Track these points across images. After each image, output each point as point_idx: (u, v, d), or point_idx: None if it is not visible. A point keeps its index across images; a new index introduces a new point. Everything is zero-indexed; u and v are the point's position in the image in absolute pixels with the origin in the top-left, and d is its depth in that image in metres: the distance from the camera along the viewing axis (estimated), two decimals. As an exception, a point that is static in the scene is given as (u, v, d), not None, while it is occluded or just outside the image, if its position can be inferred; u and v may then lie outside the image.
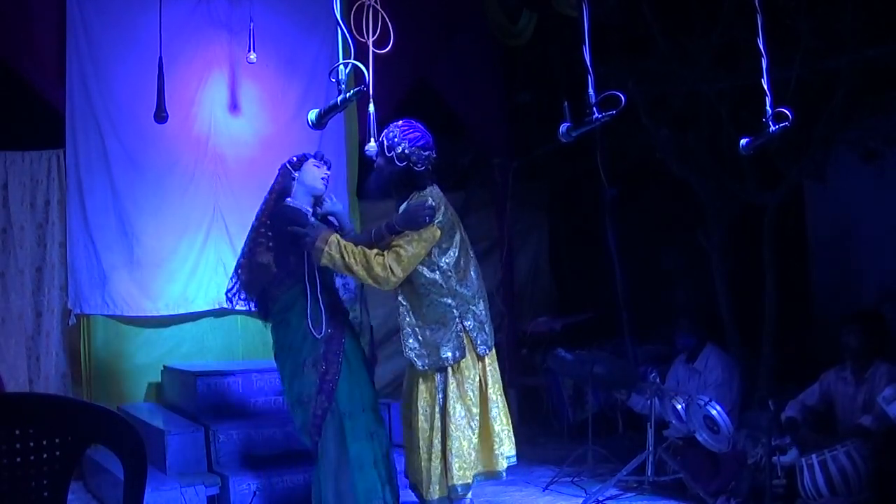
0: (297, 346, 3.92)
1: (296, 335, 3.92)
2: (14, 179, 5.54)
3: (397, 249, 3.75)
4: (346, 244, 3.78)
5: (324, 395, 3.84)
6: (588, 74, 3.02)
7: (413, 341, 3.86)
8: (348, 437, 3.83)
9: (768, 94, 3.56)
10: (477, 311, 3.96)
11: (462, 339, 3.86)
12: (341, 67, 2.80)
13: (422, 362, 3.85)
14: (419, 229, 3.78)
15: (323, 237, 3.76)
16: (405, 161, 3.85)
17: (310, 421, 3.87)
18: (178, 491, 4.40)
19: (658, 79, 5.87)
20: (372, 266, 3.73)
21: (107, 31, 5.65)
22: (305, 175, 4.03)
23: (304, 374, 3.88)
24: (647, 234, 7.11)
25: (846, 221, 6.50)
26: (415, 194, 3.91)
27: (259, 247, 4.01)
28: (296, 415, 3.96)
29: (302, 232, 3.81)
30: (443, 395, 3.85)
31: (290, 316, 3.94)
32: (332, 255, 3.73)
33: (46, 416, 1.94)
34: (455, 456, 3.83)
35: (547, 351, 6.37)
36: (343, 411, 3.86)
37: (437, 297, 3.86)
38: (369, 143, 3.66)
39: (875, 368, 4.65)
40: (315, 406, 3.84)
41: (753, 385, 5.66)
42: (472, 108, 6.96)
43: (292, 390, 3.94)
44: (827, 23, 5.14)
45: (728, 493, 4.62)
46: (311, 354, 3.87)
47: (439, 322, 3.85)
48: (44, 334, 5.55)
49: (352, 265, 3.74)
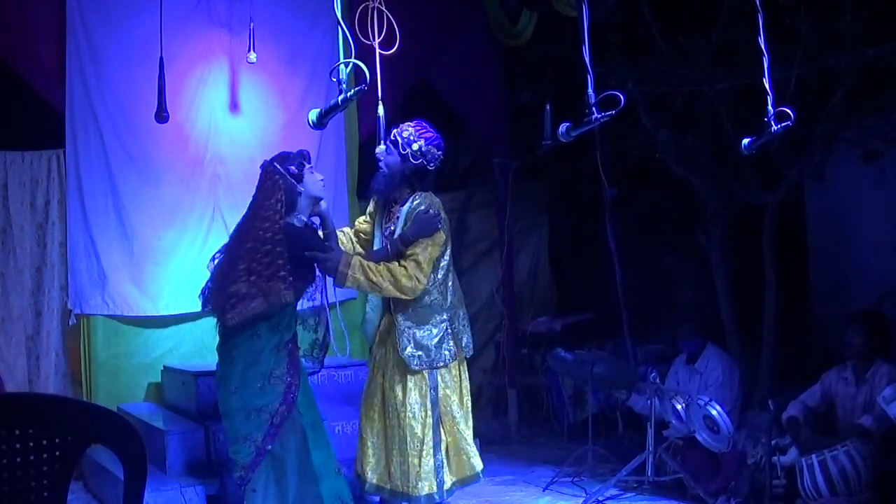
0: (263, 359, 3.70)
1: (263, 348, 3.70)
2: (14, 179, 5.53)
3: (414, 258, 3.84)
4: (368, 263, 3.82)
5: (285, 406, 3.69)
6: (588, 74, 3.02)
7: (407, 341, 3.92)
8: (311, 446, 3.74)
9: (770, 94, 3.56)
10: (462, 314, 4.11)
11: (451, 340, 3.99)
12: (342, 67, 2.80)
13: (418, 362, 3.91)
14: (432, 234, 3.88)
15: (344, 261, 3.76)
16: (420, 159, 3.93)
17: (264, 431, 3.65)
18: (178, 491, 4.40)
19: (658, 79, 5.87)
20: (398, 279, 3.80)
21: (107, 30, 5.64)
22: (310, 185, 3.83)
23: (269, 387, 3.69)
24: (646, 234, 7.11)
25: (846, 221, 6.50)
26: (417, 196, 3.96)
27: (279, 280, 3.63)
28: (244, 425, 3.68)
29: (322, 257, 3.75)
30: (435, 393, 3.95)
31: (260, 327, 3.68)
32: (357, 277, 3.76)
33: (46, 416, 1.94)
34: (454, 453, 3.97)
35: (547, 351, 6.37)
36: (305, 422, 3.76)
37: (430, 298, 3.95)
38: (379, 146, 3.66)
39: (876, 368, 4.65)
40: (273, 416, 3.66)
41: (753, 385, 5.66)
42: (473, 107, 6.95)
43: (249, 400, 3.68)
44: (827, 22, 5.14)
45: (728, 493, 4.62)
46: (277, 367, 3.71)
47: (432, 323, 3.95)
48: (43, 334, 5.55)
49: (379, 282, 3.79)
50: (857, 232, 6.42)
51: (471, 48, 6.86)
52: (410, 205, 3.95)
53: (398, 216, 4.00)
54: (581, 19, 3.11)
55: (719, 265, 6.16)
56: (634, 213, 6.93)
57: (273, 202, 3.71)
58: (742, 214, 6.16)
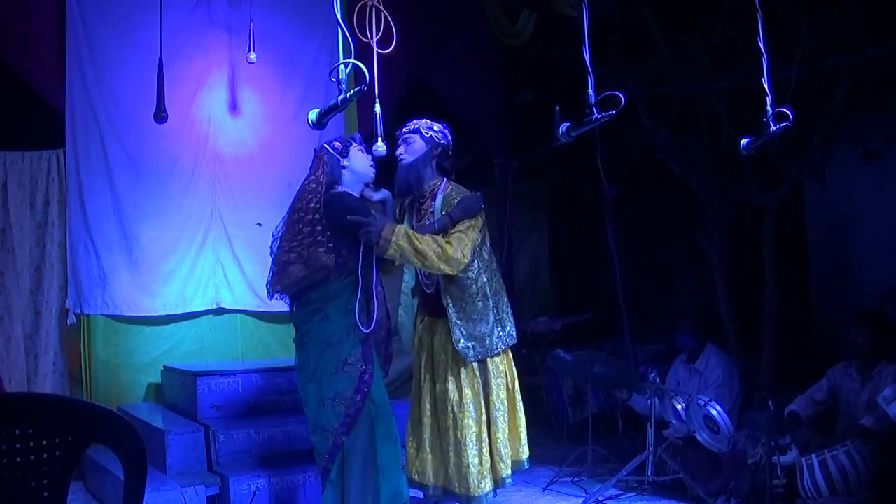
0: (336, 342, 3.64)
1: (336, 330, 3.64)
2: (13, 179, 5.53)
3: (460, 235, 3.85)
4: (414, 232, 3.77)
5: (360, 395, 3.63)
6: (588, 74, 3.02)
7: (460, 334, 3.92)
8: (378, 438, 3.70)
9: (769, 94, 3.56)
10: (505, 301, 4.12)
11: (500, 327, 4.01)
12: (342, 67, 2.80)
13: (473, 353, 3.93)
14: (475, 216, 3.94)
15: (389, 228, 3.67)
16: (444, 139, 4.06)
17: (340, 422, 3.62)
18: (178, 491, 4.39)
19: (658, 79, 5.87)
20: (445, 249, 3.77)
21: (107, 31, 5.64)
22: (355, 162, 3.80)
23: (343, 373, 3.63)
24: (646, 234, 7.11)
25: (846, 221, 6.51)
26: (450, 185, 4.05)
27: (318, 245, 3.60)
28: (320, 415, 3.65)
29: (364, 222, 3.65)
30: (485, 388, 3.97)
31: (329, 309, 3.65)
32: (401, 244, 3.66)
33: (46, 416, 1.94)
34: (502, 445, 3.98)
35: (547, 351, 6.38)
36: (374, 413, 3.70)
37: (476, 287, 3.95)
38: (377, 143, 3.66)
39: (882, 368, 4.66)
40: (349, 406, 3.61)
41: (753, 385, 5.66)
42: (472, 108, 6.95)
43: (324, 389, 3.63)
44: (827, 23, 5.14)
45: (728, 493, 4.62)
46: (351, 353, 3.65)
47: (482, 312, 3.95)
48: (42, 333, 5.54)
49: (425, 251, 3.71)
50: (857, 232, 6.42)
51: (470, 48, 6.86)
52: (444, 194, 4.00)
53: (432, 210, 4.02)
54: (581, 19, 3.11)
55: (719, 265, 6.16)
56: (634, 213, 6.93)
57: (318, 175, 3.75)
58: (742, 214, 6.16)
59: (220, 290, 5.92)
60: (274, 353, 6.04)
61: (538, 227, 7.91)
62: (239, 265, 5.94)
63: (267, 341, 6.11)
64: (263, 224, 5.87)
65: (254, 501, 4.47)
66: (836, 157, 5.93)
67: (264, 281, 3.84)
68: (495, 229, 7.28)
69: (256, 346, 6.07)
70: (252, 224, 5.89)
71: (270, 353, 6.05)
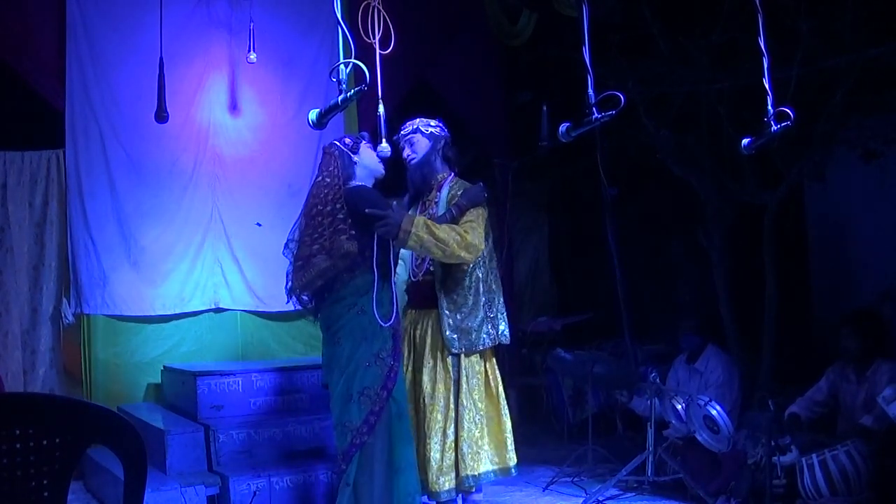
0: (370, 335, 3.63)
1: (371, 323, 3.62)
2: (13, 179, 5.54)
3: (471, 223, 3.92)
4: (432, 222, 3.82)
5: (385, 391, 3.61)
6: (588, 74, 3.02)
7: (448, 324, 3.96)
8: (395, 438, 3.69)
9: (769, 94, 3.55)
10: (499, 300, 4.17)
11: (489, 325, 4.05)
12: (342, 66, 2.79)
13: (458, 345, 3.97)
14: (480, 205, 4.02)
15: (408, 219, 3.70)
16: (445, 132, 4.22)
17: (363, 419, 3.59)
18: (178, 491, 4.39)
19: (658, 79, 5.87)
20: (464, 235, 3.84)
21: (107, 31, 5.64)
22: (365, 158, 3.83)
23: (375, 367, 3.63)
24: (647, 234, 7.11)
25: (846, 221, 6.50)
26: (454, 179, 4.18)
27: (341, 234, 3.60)
28: (344, 410, 3.63)
29: (383, 214, 3.66)
30: (455, 383, 3.98)
31: (363, 302, 3.63)
32: (420, 235, 3.69)
33: (46, 416, 1.94)
34: (465, 444, 3.97)
35: (547, 351, 6.38)
36: (394, 412, 3.69)
37: (470, 280, 4.02)
38: (381, 143, 3.67)
39: (876, 367, 4.65)
40: (374, 402, 3.59)
41: (753, 385, 5.65)
42: (472, 108, 6.95)
43: (355, 382, 3.61)
44: (827, 22, 5.13)
45: (728, 493, 4.62)
46: (384, 346, 3.65)
47: (473, 306, 4.01)
48: (39, 331, 5.55)
49: (445, 239, 3.76)
50: (857, 232, 6.42)
51: (470, 48, 6.86)
52: (449, 186, 4.13)
53: (436, 201, 4.13)
54: (581, 19, 3.11)
55: (719, 265, 6.16)
56: (634, 213, 6.93)
57: (331, 170, 3.78)
58: (742, 215, 6.16)
59: (219, 290, 5.92)
60: (274, 353, 6.04)
61: (538, 227, 7.91)
62: (238, 265, 5.94)
63: (267, 341, 6.10)
64: (263, 224, 5.89)
65: (254, 501, 4.46)
66: (836, 157, 5.93)
67: (263, 281, 3.84)
68: (495, 229, 7.27)
69: (256, 346, 6.06)
70: (251, 224, 5.90)
71: (270, 353, 6.05)
